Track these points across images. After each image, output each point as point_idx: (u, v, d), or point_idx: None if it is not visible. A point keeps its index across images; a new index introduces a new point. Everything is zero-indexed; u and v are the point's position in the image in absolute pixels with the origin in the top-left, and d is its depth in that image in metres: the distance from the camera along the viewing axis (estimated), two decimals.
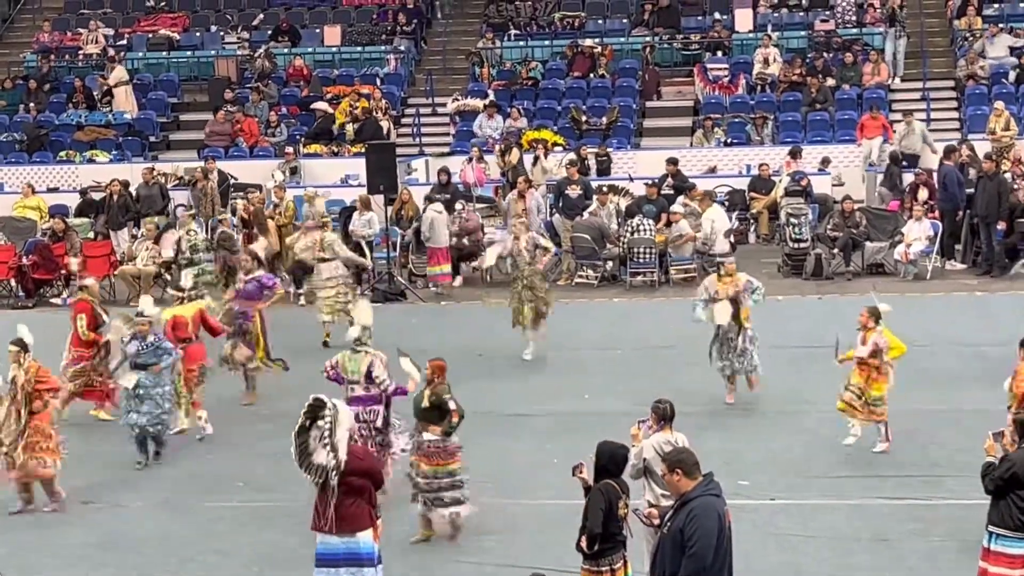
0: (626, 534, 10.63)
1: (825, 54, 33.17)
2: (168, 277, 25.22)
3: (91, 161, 32.50)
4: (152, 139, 33.81)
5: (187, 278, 19.08)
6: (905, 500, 14.25)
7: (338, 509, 10.98)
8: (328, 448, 10.91)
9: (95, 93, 34.67)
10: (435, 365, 13.64)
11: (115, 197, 28.35)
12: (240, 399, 18.42)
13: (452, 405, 13.39)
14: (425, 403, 13.36)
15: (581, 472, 10.68)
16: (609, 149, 30.53)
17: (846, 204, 25.59)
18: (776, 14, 35.27)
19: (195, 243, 23.69)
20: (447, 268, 25.03)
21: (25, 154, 33.11)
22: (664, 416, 11.86)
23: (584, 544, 10.51)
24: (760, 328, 17.69)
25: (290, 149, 31.08)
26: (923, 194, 26.30)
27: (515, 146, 29.63)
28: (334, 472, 10.90)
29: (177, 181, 31.15)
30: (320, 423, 10.94)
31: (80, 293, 18.39)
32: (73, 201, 29.95)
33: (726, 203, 27.80)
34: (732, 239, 25.91)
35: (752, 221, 28.36)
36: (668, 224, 25.29)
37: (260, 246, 21.87)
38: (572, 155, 28.84)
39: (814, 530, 13.58)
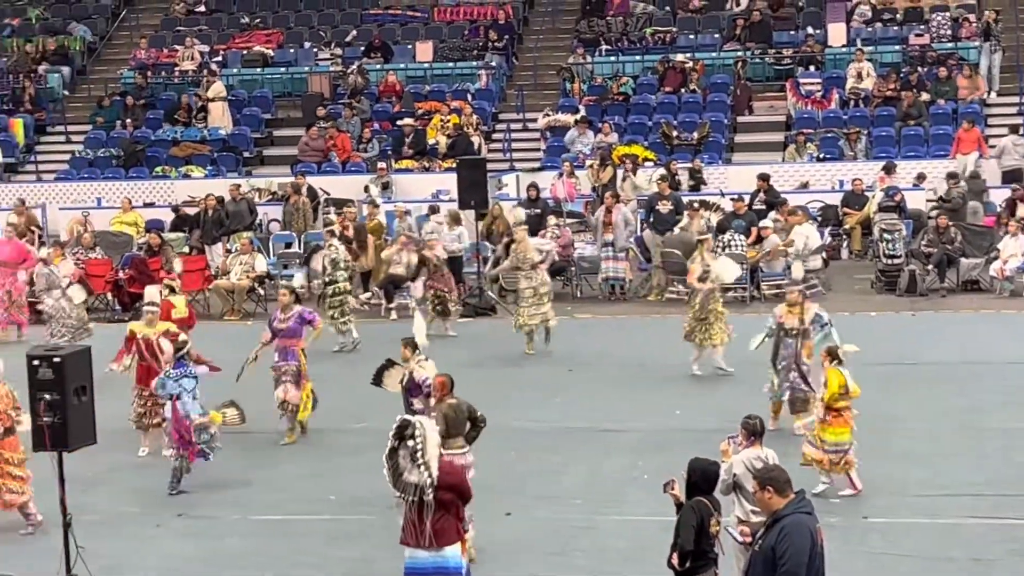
0: (717, 551, 10.59)
1: (919, 68, 32.88)
2: (261, 292, 25.50)
3: (186, 176, 32.92)
4: (246, 155, 34.19)
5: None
6: (1002, 520, 14.03)
7: (430, 525, 11.03)
8: (421, 466, 10.97)
9: (192, 109, 35.10)
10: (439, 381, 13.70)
11: (209, 212, 28.70)
12: (279, 439, 17.90)
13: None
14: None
15: (673, 489, 10.67)
16: (701, 164, 30.45)
17: (940, 220, 25.34)
18: (870, 28, 35.02)
19: (336, 258, 22.72)
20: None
21: (122, 169, 33.59)
22: (754, 432, 11.83)
23: (675, 561, 10.49)
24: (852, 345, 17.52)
25: (383, 164, 31.27)
26: (1021, 210, 25.98)
27: (610, 163, 29.60)
28: (429, 489, 10.96)
29: (271, 196, 31.48)
30: (409, 443, 11.01)
31: None
32: (168, 216, 30.35)
33: (818, 219, 27.63)
34: (824, 255, 25.73)
35: (845, 237, 28.15)
36: (759, 240, 25.16)
37: (297, 281, 21.41)
38: (662, 170, 28.80)
39: (907, 549, 13.43)
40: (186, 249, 27.95)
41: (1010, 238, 24.67)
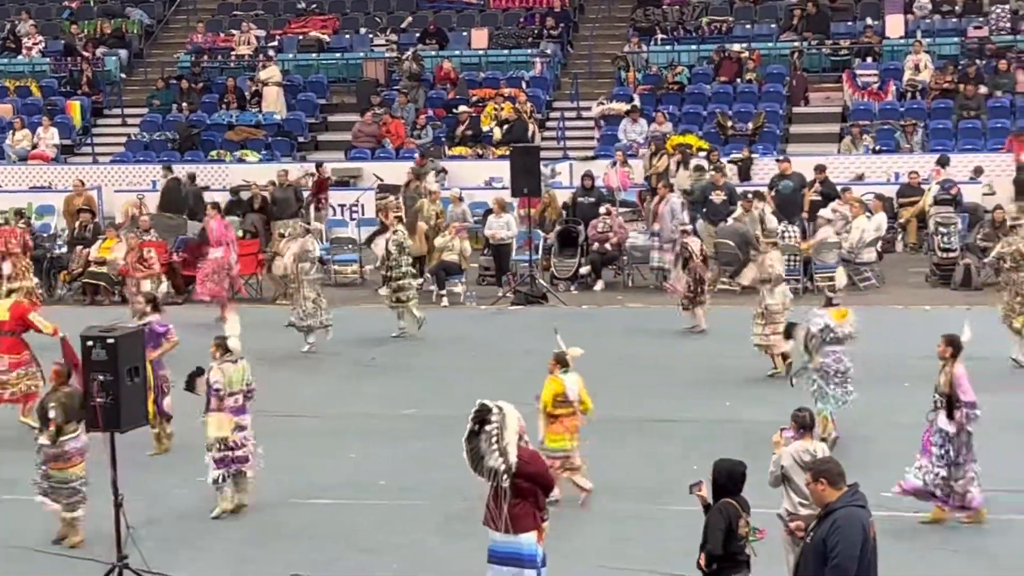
0: (748, 553, 10.49)
1: (978, 61, 32.60)
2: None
3: (241, 161, 33.05)
4: (301, 139, 34.29)
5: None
6: None
7: (508, 510, 11.12)
8: (498, 452, 11.00)
9: (245, 94, 35.25)
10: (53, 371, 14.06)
11: (256, 201, 28.82)
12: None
13: (52, 414, 13.57)
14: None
15: (700, 490, 10.60)
16: (755, 154, 30.33)
17: (997, 214, 25.13)
18: (928, 20, 34.74)
19: (402, 243, 22.49)
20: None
21: (177, 153, 33.75)
22: (804, 425, 11.79)
23: (702, 563, 10.43)
24: (906, 338, 17.41)
25: (418, 155, 30.66)
26: None
27: (665, 154, 29.50)
28: (505, 475, 11.01)
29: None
30: (488, 428, 11.05)
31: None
32: (224, 200, 30.43)
33: (873, 212, 27.46)
34: (880, 248, 25.59)
35: (900, 230, 27.97)
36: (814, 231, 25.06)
37: (156, 286, 21.08)
38: (698, 161, 28.71)
39: (959, 545, 13.36)
40: (240, 233, 28.02)
41: None
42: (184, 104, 35.22)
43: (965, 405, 13.56)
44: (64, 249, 27.50)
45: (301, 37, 37.46)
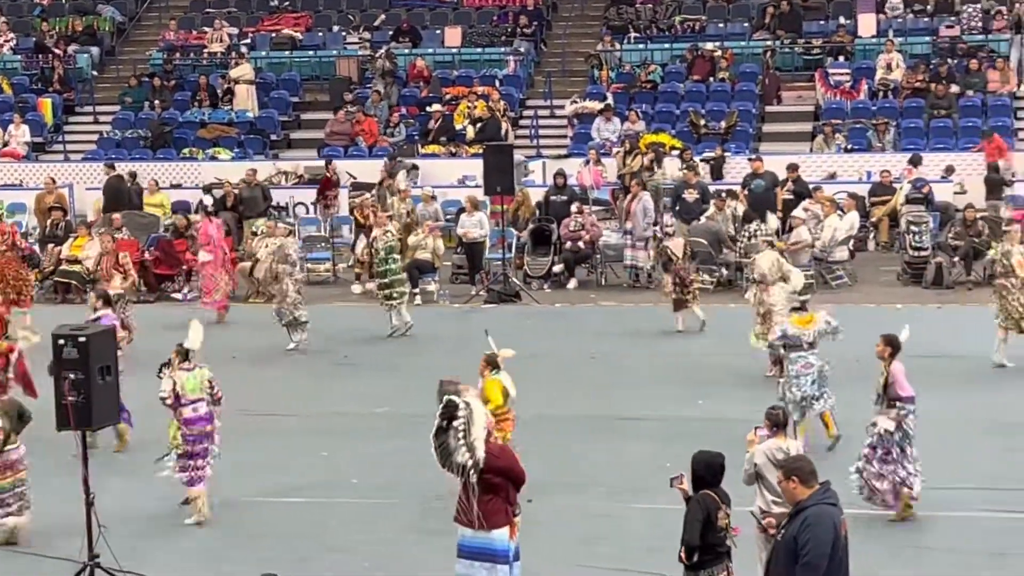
0: (729, 544, 10.51)
1: (949, 60, 32.72)
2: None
3: (213, 159, 32.96)
4: (273, 137, 34.23)
5: None
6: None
7: (477, 506, 11.15)
8: (465, 447, 11.04)
9: (218, 91, 35.16)
10: None
11: (228, 199, 28.74)
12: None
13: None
14: None
15: (681, 483, 10.62)
16: (727, 153, 30.39)
17: (968, 213, 25.23)
18: (900, 19, 34.85)
19: (392, 245, 22.45)
20: None
21: (149, 150, 33.66)
22: (777, 423, 11.82)
23: (683, 555, 10.45)
24: (878, 337, 17.38)
25: (386, 159, 30.33)
26: None
27: (640, 153, 29.53)
28: (473, 471, 11.05)
29: (297, 180, 31.54)
30: (455, 423, 11.07)
31: None
32: (195, 198, 30.41)
33: (845, 210, 27.52)
34: (852, 246, 25.66)
35: (872, 228, 28.05)
36: (788, 229, 25.09)
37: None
38: (668, 158, 28.91)
39: (930, 542, 13.40)
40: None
41: None
42: (156, 102, 35.12)
43: (904, 401, 13.65)
44: (36, 247, 27.37)
45: (274, 35, 37.40)
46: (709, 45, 34.49)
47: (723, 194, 26.20)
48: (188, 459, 14.17)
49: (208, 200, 27.41)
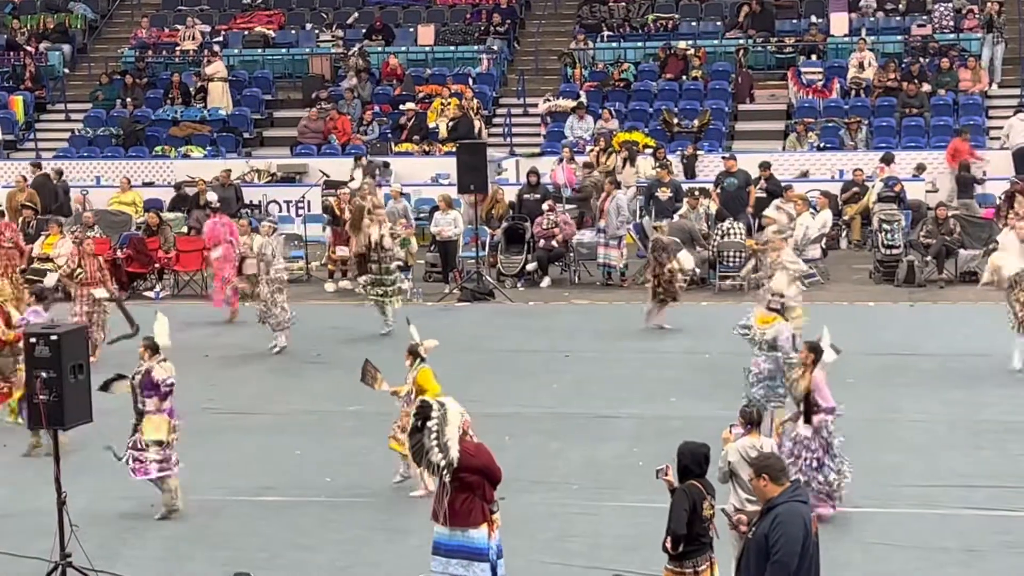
0: (712, 535, 10.57)
1: (921, 59, 32.84)
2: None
3: (186, 156, 32.88)
4: (246, 135, 34.15)
5: None
6: (996, 512, 14.05)
7: (451, 504, 11.24)
8: (438, 447, 11.16)
9: (190, 89, 35.08)
10: None
11: (200, 198, 28.65)
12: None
13: None
14: None
15: (667, 475, 10.66)
16: (700, 151, 30.45)
17: (940, 211, 25.33)
18: (872, 18, 34.97)
19: (405, 238, 23.24)
20: None
21: (121, 148, 33.55)
22: (751, 420, 11.85)
23: (669, 545, 10.49)
24: (850, 335, 17.46)
25: (360, 155, 30.23)
26: (1019, 202, 25.92)
27: (614, 152, 29.55)
28: (446, 470, 11.15)
29: (270, 178, 31.48)
30: (429, 424, 11.15)
31: None
32: (168, 196, 30.35)
33: (818, 208, 27.59)
34: (824, 244, 25.73)
35: (844, 227, 28.14)
36: (760, 227, 25.12)
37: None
38: (641, 156, 28.95)
39: (901, 540, 13.44)
40: (184, 229, 27.91)
41: (1008, 230, 24.55)
42: (128, 99, 35.00)
43: (824, 411, 13.59)
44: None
45: (246, 32, 37.30)
46: (682, 44, 34.53)
47: (696, 192, 26.25)
48: (170, 449, 14.19)
49: (213, 197, 27.17)
